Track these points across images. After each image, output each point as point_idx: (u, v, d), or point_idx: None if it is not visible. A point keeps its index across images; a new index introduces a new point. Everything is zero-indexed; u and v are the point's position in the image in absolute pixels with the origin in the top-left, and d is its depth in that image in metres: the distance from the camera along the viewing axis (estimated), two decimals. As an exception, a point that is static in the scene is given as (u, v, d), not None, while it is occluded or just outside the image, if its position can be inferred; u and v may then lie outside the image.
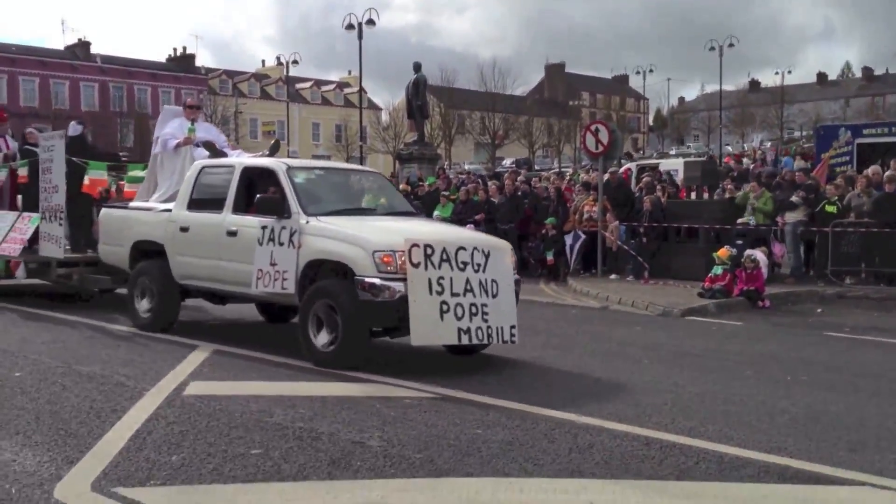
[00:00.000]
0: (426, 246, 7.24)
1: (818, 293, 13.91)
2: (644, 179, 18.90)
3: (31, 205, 12.02)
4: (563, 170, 39.36)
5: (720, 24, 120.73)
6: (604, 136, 16.01)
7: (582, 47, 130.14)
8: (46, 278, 11.87)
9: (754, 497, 4.47)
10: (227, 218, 8.67)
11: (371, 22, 42.25)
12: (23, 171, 12.45)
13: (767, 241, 15.09)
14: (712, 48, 57.61)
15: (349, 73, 79.35)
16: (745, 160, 30.69)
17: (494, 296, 7.52)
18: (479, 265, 7.48)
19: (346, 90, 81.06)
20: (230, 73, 76.43)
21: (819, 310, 12.77)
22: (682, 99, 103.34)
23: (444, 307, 7.16)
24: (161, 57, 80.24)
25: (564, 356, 8.69)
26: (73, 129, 12.99)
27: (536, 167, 53.34)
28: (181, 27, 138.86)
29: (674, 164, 25.40)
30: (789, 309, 12.99)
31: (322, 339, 7.62)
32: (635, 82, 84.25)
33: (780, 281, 14.65)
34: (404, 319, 7.16)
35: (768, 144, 50.21)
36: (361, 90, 54.18)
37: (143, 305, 9.56)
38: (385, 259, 7.23)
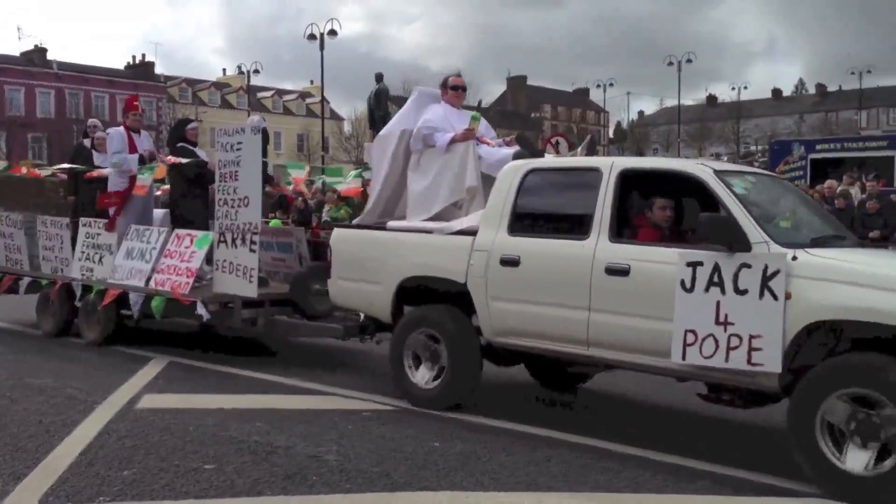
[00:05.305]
0: None
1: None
2: None
3: (180, 220, 9.48)
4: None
5: (670, 39, 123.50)
6: (563, 149, 16.11)
7: (534, 61, 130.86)
8: (228, 324, 8.33)
9: (709, 509, 4.50)
10: (603, 246, 5.86)
11: (333, 32, 42.13)
12: (143, 179, 9.37)
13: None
14: (671, 63, 58.46)
15: (311, 82, 79.09)
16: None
17: None
18: None
19: (308, 100, 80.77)
20: (190, 82, 75.68)
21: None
22: (641, 112, 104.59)
23: None
24: (119, 64, 79.27)
25: (520, 369, 8.69)
26: (260, 122, 9.28)
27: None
28: (135, 35, 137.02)
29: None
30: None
31: (853, 461, 4.75)
32: (596, 96, 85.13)
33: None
34: None
35: (724, 159, 50.99)
36: (324, 100, 53.99)
37: (422, 371, 6.81)
38: None
